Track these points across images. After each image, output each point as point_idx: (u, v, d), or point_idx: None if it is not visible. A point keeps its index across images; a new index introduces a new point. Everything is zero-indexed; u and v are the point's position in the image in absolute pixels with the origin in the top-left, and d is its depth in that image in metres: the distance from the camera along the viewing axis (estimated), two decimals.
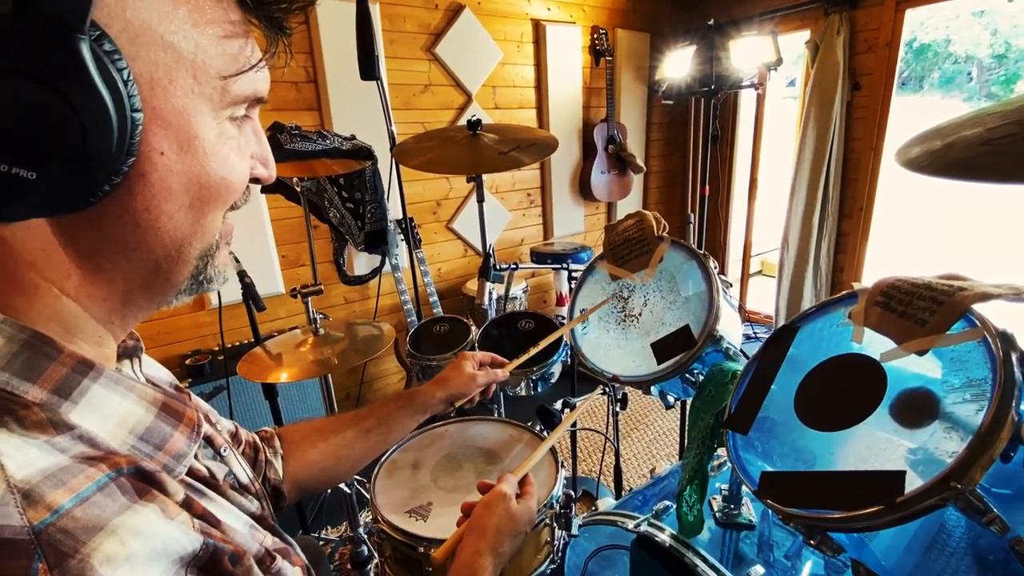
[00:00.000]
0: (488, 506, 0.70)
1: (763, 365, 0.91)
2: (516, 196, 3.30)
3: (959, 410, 0.60)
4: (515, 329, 1.43)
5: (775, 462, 0.81)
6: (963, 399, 0.60)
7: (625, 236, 1.24)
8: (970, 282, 0.71)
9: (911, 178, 2.78)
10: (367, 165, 1.38)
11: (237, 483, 0.57)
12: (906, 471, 0.60)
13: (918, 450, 0.61)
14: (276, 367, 1.31)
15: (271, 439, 0.80)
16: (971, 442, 0.56)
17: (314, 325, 1.31)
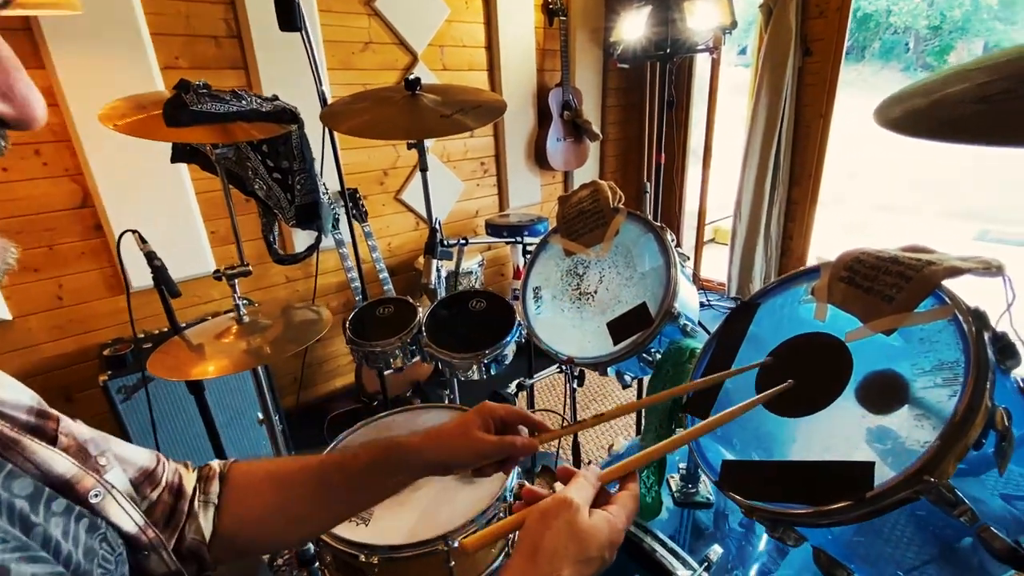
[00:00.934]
0: (545, 517, 0.48)
1: (723, 344, 0.87)
2: (469, 165, 3.15)
3: (930, 395, 0.56)
4: (465, 309, 1.34)
5: (735, 447, 0.77)
6: (934, 383, 0.56)
7: (579, 208, 1.15)
8: (938, 255, 0.67)
9: (856, 145, 2.75)
10: (292, 129, 1.22)
11: (118, 534, 0.47)
12: (875, 462, 0.56)
13: (886, 438, 0.58)
14: (197, 360, 1.17)
15: (209, 480, 0.62)
16: (944, 431, 0.52)
17: (238, 312, 1.17)
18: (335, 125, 1.14)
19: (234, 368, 1.16)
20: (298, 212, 1.37)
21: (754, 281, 3.42)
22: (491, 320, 1.30)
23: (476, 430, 0.62)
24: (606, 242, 1.09)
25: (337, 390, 2.81)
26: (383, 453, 0.63)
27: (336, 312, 2.78)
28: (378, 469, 0.62)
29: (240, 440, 2.06)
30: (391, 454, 0.63)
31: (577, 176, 3.67)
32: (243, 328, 1.19)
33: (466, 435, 0.62)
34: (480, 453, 0.62)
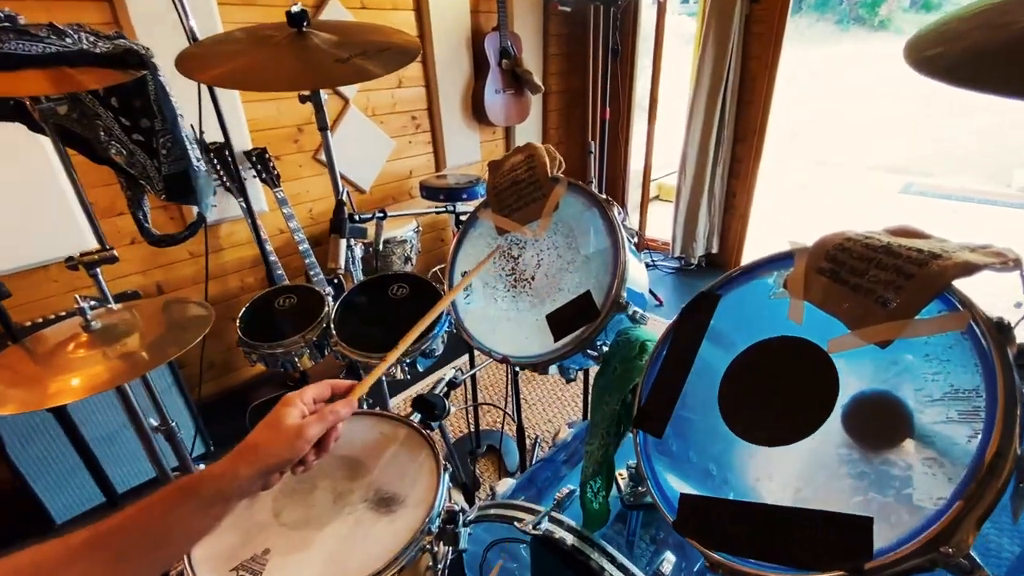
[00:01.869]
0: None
1: (678, 344, 0.73)
2: (398, 120, 2.84)
3: (943, 432, 0.44)
4: (385, 296, 1.14)
5: (691, 477, 0.65)
6: (947, 417, 0.45)
7: (512, 177, 0.97)
8: (941, 243, 0.55)
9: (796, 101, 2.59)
10: (138, 76, 0.94)
11: None
12: (872, 518, 0.45)
13: (887, 486, 0.46)
14: (42, 380, 0.92)
15: None
16: (967, 490, 0.40)
17: (84, 316, 0.92)
18: (195, 72, 0.87)
19: (91, 388, 0.93)
20: (167, 183, 1.10)
21: (697, 240, 3.39)
22: (416, 308, 1.11)
23: (289, 419, 0.60)
24: (544, 219, 0.92)
25: (261, 374, 2.56)
26: (183, 495, 0.54)
27: (257, 288, 2.49)
28: (184, 510, 0.54)
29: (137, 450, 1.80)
30: (203, 487, 0.55)
31: (519, 132, 3.43)
32: (95, 336, 0.94)
33: (280, 429, 0.59)
34: (301, 438, 0.59)
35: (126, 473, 1.82)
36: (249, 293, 2.45)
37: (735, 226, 3.37)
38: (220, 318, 2.35)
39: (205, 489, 0.54)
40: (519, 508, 1.00)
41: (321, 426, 0.61)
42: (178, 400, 1.87)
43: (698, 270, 3.49)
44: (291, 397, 0.62)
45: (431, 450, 0.94)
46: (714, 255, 3.49)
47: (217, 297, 2.35)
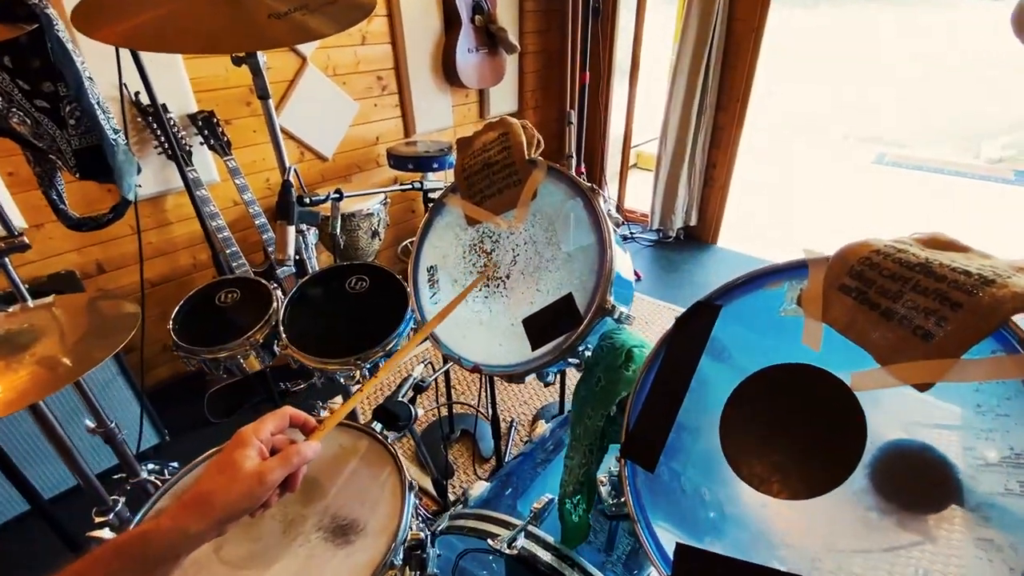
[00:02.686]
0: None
1: (673, 361, 0.65)
2: (362, 80, 2.62)
3: (1003, 506, 0.37)
4: (342, 290, 1.02)
5: (681, 514, 0.57)
6: (1005, 488, 0.37)
7: (485, 159, 0.85)
8: (986, 260, 0.47)
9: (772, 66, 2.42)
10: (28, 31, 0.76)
11: None
12: None
13: (934, 562, 0.39)
14: None
15: None
16: None
17: None
18: (93, 30, 0.69)
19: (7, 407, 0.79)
20: (79, 159, 0.93)
21: (676, 213, 3.32)
22: (377, 304, 1.00)
23: (246, 463, 0.50)
24: (520, 208, 0.81)
25: None
26: (122, 558, 0.46)
27: (210, 265, 2.31)
28: None
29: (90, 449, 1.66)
30: (141, 550, 0.46)
31: (493, 95, 3.24)
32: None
33: (236, 476, 0.49)
34: (261, 485, 0.50)
35: (56, 476, 1.66)
36: (204, 271, 2.28)
37: (715, 198, 3.30)
38: (171, 298, 2.19)
39: (150, 549, 0.46)
40: (494, 521, 0.93)
41: (284, 470, 0.52)
42: (124, 390, 1.73)
43: (676, 243, 3.43)
44: (246, 434, 0.53)
45: (395, 465, 0.85)
46: (693, 228, 3.43)
47: (166, 275, 2.17)
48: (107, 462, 1.73)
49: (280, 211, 0.95)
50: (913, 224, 2.64)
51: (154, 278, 2.14)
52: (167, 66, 1.89)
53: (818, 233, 3.76)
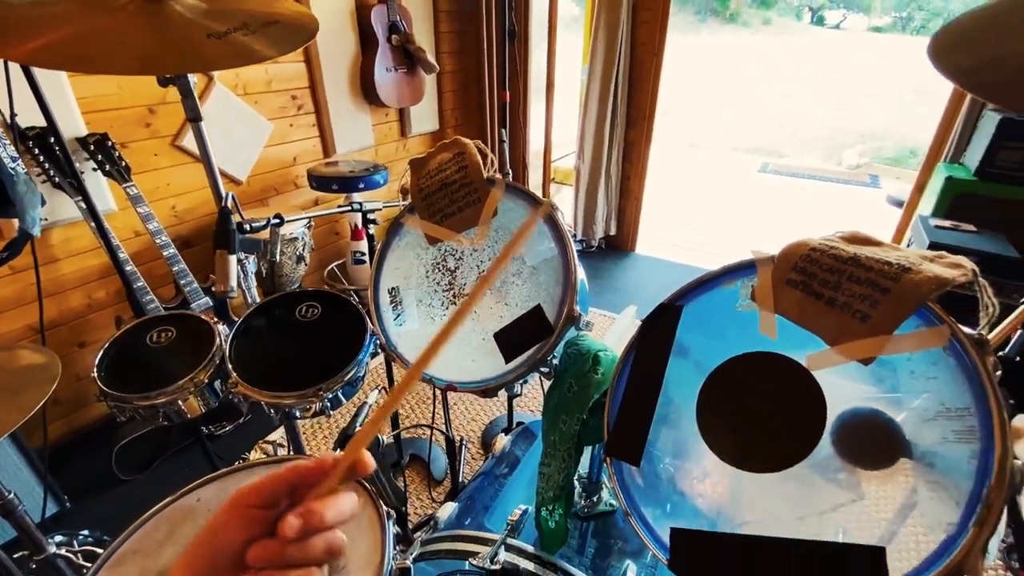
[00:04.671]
0: None
1: (644, 362, 0.70)
2: (276, 99, 2.51)
3: (942, 453, 0.45)
4: (292, 319, 0.97)
5: (665, 502, 0.62)
6: (943, 438, 0.45)
7: (441, 179, 0.86)
8: (897, 251, 0.56)
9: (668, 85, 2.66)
10: None
11: None
12: (884, 550, 0.44)
13: (887, 510, 0.46)
14: None
15: None
16: (979, 516, 0.40)
17: None
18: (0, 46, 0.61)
19: None
20: None
21: (597, 223, 3.49)
22: (331, 332, 0.97)
23: (236, 537, 0.32)
24: (482, 226, 0.83)
25: None
26: None
27: (109, 304, 2.07)
28: None
29: None
30: None
31: (414, 114, 3.23)
32: None
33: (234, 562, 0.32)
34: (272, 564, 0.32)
35: None
36: (99, 311, 2.03)
37: (631, 208, 3.53)
38: (63, 344, 1.93)
39: None
40: (471, 539, 0.92)
41: (325, 548, 0.33)
42: (15, 457, 1.49)
43: (599, 252, 3.61)
44: (224, 518, 0.34)
45: (368, 496, 0.82)
46: (613, 237, 3.62)
47: (56, 319, 1.91)
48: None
49: (219, 240, 0.88)
50: (795, 223, 3.00)
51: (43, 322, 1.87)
52: (49, 85, 1.69)
53: (721, 236, 4.13)
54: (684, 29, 13.42)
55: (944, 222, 2.27)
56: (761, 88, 9.50)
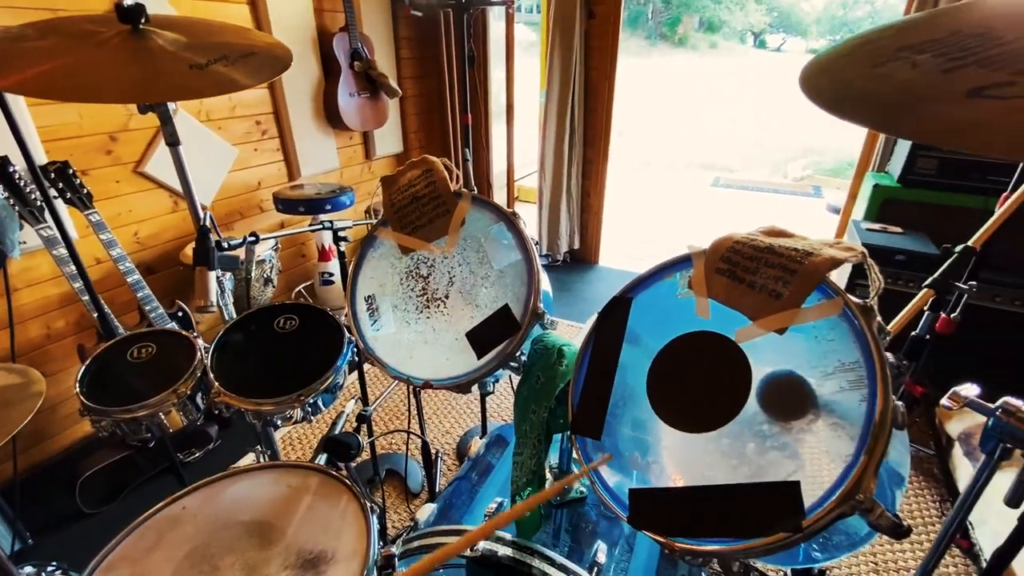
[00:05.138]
0: None
1: (601, 348, 0.78)
2: (240, 125, 2.53)
3: (840, 400, 0.54)
4: (270, 331, 1.01)
5: (624, 469, 0.69)
6: (840, 387, 0.54)
7: (412, 193, 0.93)
8: (805, 240, 0.67)
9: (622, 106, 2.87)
10: None
11: None
12: (799, 482, 0.53)
13: (803, 449, 0.55)
14: None
15: None
16: (867, 444, 0.49)
17: None
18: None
19: None
20: None
21: (561, 238, 3.62)
22: (310, 341, 1.01)
23: None
24: (451, 235, 0.90)
25: (88, 436, 2.09)
26: None
27: (69, 333, 2.03)
28: None
29: None
30: None
31: (378, 137, 3.30)
32: None
33: None
34: None
35: None
36: (59, 341, 1.99)
37: (592, 223, 3.67)
38: None
39: None
40: (449, 533, 0.97)
41: None
42: None
43: (564, 266, 3.73)
44: None
45: (351, 492, 0.87)
46: (577, 251, 3.75)
47: (15, 350, 1.85)
48: None
49: (199, 257, 0.92)
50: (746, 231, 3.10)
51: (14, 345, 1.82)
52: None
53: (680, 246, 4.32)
54: (636, 53, 14.06)
55: (875, 225, 2.48)
56: (710, 107, 10.04)
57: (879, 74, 0.39)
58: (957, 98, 0.32)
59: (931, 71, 0.36)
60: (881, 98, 0.38)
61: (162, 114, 0.90)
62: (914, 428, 2.22)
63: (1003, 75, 0.32)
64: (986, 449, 0.68)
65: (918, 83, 0.36)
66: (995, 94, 0.31)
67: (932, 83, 0.35)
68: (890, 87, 0.37)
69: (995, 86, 0.31)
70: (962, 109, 0.32)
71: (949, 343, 1.59)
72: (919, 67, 0.37)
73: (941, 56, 0.37)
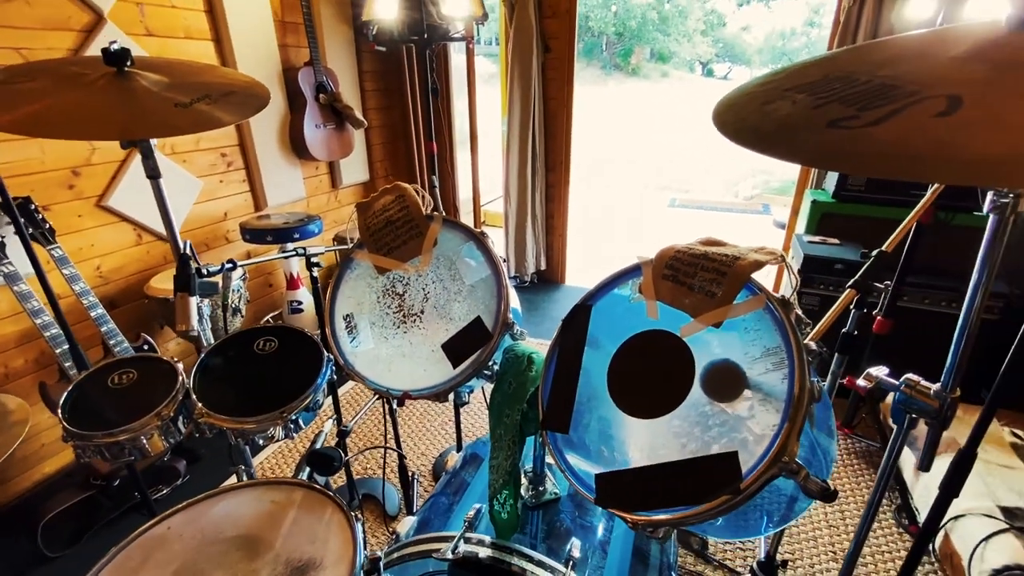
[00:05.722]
0: None
1: (566, 352, 0.86)
2: (205, 158, 2.55)
3: (767, 380, 0.63)
4: (251, 353, 1.05)
5: (591, 458, 0.77)
6: (766, 369, 0.64)
7: (386, 218, 1.00)
8: (735, 248, 0.77)
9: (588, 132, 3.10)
10: None
11: None
12: (736, 452, 0.61)
13: (740, 426, 0.63)
14: None
15: None
16: (789, 414, 0.58)
17: None
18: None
19: None
20: None
21: (528, 260, 3.72)
22: (289, 361, 1.05)
23: None
24: (425, 254, 0.98)
25: (49, 478, 2.01)
26: None
27: (28, 372, 1.97)
28: None
29: None
30: None
31: (344, 167, 3.35)
32: None
33: None
34: None
35: None
36: (17, 380, 1.93)
37: (557, 244, 3.80)
38: None
39: None
40: (431, 540, 1.01)
41: None
42: None
43: (532, 286, 3.83)
44: None
45: (335, 504, 0.90)
46: (543, 271, 3.87)
47: None
48: None
49: (180, 284, 0.96)
50: None
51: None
52: None
53: None
54: (592, 81, 14.67)
55: (815, 238, 2.68)
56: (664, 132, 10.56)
57: (767, 110, 0.49)
58: (820, 128, 0.42)
59: (805, 107, 0.46)
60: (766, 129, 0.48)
61: (144, 149, 0.95)
62: (862, 425, 2.38)
63: (852, 110, 0.42)
64: (896, 420, 0.79)
65: (795, 117, 0.46)
66: (845, 125, 0.41)
67: (804, 116, 0.45)
68: (774, 120, 0.48)
69: (845, 119, 0.41)
70: (822, 137, 0.42)
71: (888, 343, 1.74)
72: (797, 104, 0.47)
73: (813, 95, 0.48)
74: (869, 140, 0.38)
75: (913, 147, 0.36)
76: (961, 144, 0.34)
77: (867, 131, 0.39)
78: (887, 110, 0.40)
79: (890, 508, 1.98)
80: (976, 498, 1.64)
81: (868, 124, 0.40)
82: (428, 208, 1.03)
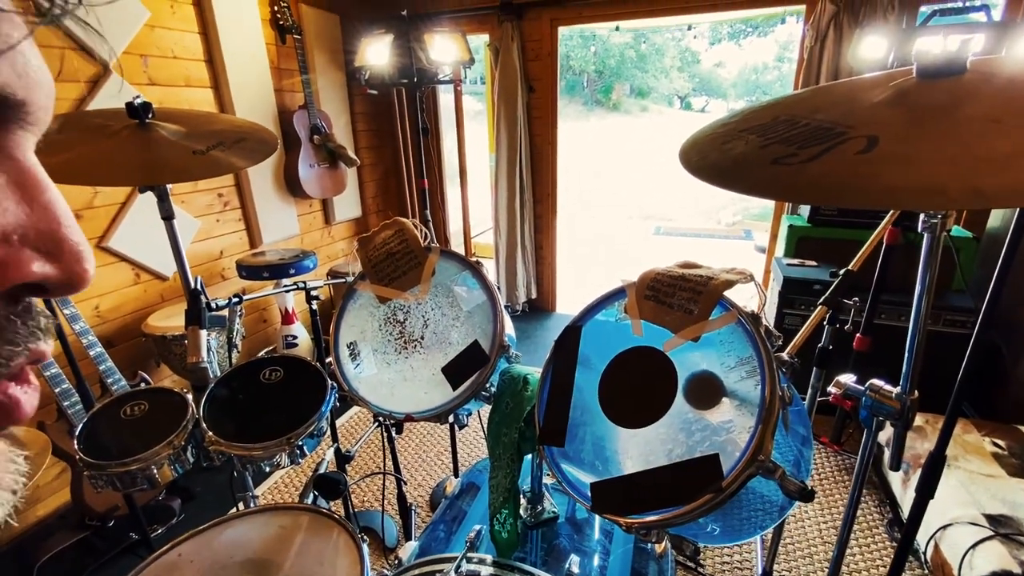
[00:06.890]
0: None
1: (559, 371, 0.92)
2: (202, 198, 2.62)
3: (742, 387, 0.70)
4: (257, 384, 1.09)
5: (586, 468, 0.82)
6: (741, 377, 0.70)
7: (386, 250, 1.07)
8: (709, 269, 0.85)
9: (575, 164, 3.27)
10: None
11: None
12: (718, 454, 0.67)
13: (721, 430, 0.69)
14: None
15: None
16: (762, 416, 0.65)
17: None
18: None
19: None
20: None
21: (519, 289, 3.80)
22: (294, 390, 1.10)
23: None
24: (424, 283, 1.04)
25: (45, 519, 1.97)
26: None
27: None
28: None
29: None
30: None
31: (337, 204, 3.44)
32: None
33: None
34: None
35: None
36: None
37: (546, 273, 3.89)
38: None
39: None
40: (433, 562, 1.04)
41: None
42: None
43: (524, 315, 3.89)
44: None
45: (342, 527, 0.93)
46: (535, 300, 3.94)
47: None
48: None
49: (191, 318, 1.01)
50: None
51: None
52: None
53: None
54: (575, 117, 15.17)
55: (793, 260, 2.80)
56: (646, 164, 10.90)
57: (724, 149, 0.58)
58: (766, 165, 0.50)
59: (755, 147, 0.54)
60: (724, 165, 0.56)
61: (160, 193, 1.02)
62: (849, 441, 2.44)
63: (792, 149, 0.50)
64: (866, 424, 0.85)
65: (747, 155, 0.54)
66: (785, 162, 0.49)
67: (753, 154, 0.53)
68: (729, 158, 0.56)
69: (786, 156, 0.49)
70: (767, 172, 0.50)
71: (869, 359, 1.82)
72: (749, 144, 0.56)
73: (762, 136, 0.56)
74: (804, 174, 0.46)
75: (837, 179, 0.43)
76: (874, 176, 0.42)
77: (803, 166, 0.47)
78: (819, 149, 0.48)
79: (882, 522, 2.01)
80: (962, 507, 1.69)
81: (804, 161, 0.48)
82: (426, 240, 1.10)
